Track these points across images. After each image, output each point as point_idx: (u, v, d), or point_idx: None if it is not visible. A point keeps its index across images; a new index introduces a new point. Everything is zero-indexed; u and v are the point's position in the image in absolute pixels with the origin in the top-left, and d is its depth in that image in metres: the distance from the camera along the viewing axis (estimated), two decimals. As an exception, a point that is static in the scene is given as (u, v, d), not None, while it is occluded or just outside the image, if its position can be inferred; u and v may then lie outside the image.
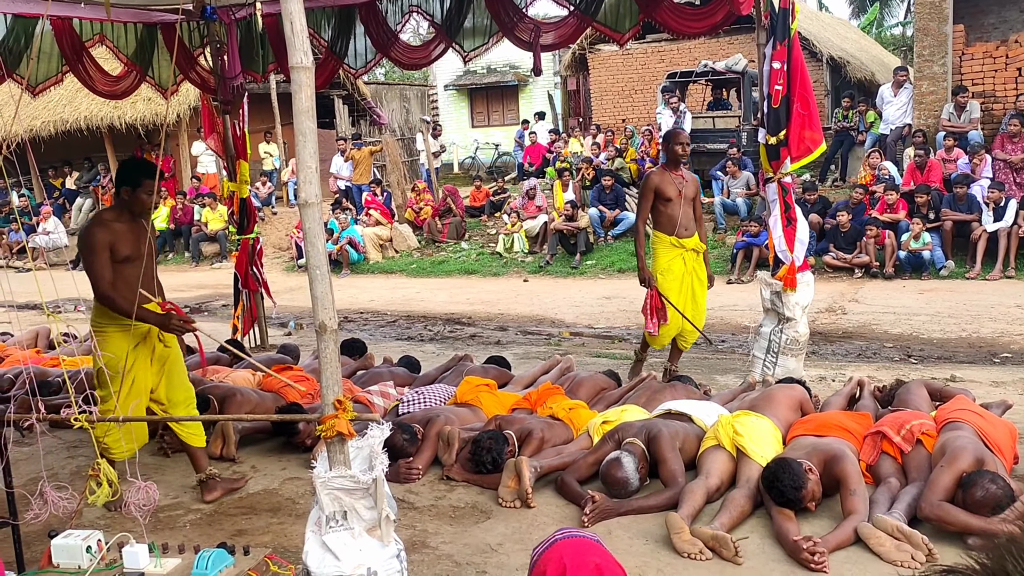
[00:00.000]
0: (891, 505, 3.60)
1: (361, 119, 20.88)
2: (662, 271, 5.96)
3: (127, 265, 4.16)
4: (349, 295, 12.03)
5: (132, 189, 4.16)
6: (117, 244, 4.14)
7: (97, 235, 4.14)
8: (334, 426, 2.69)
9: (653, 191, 5.92)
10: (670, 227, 5.95)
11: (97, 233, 4.14)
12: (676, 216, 5.93)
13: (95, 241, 4.12)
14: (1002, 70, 12.19)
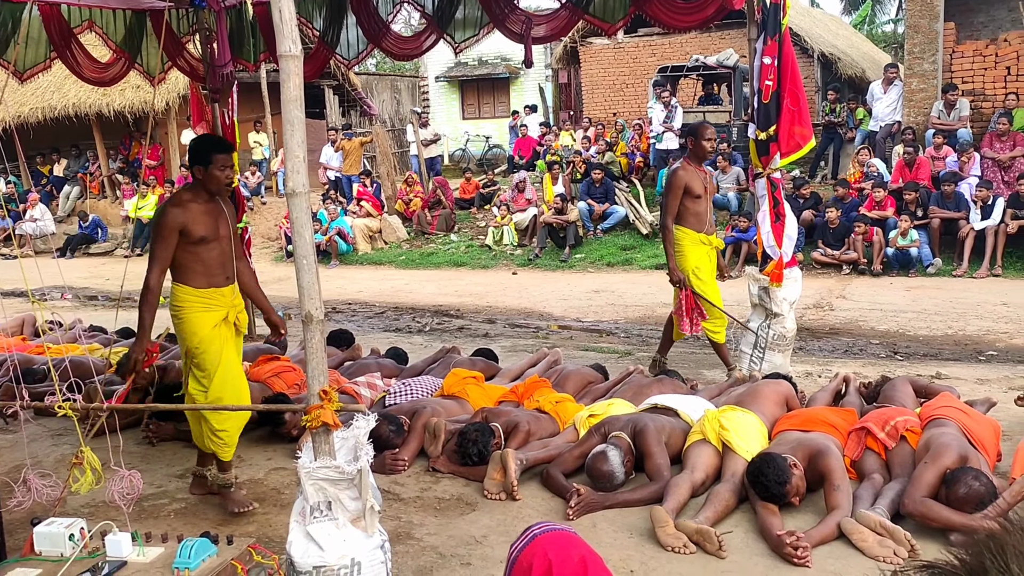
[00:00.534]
0: (874, 501, 3.62)
1: (351, 110, 20.80)
2: (694, 269, 5.79)
3: (203, 246, 4.00)
4: (337, 286, 12.00)
5: (205, 167, 4.00)
6: (191, 225, 3.95)
7: (168, 215, 3.95)
8: (319, 416, 2.68)
9: (683, 188, 5.71)
10: (699, 224, 5.79)
11: (168, 213, 3.96)
12: (703, 213, 5.80)
13: (164, 222, 3.95)
14: (991, 68, 12.24)
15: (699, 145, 5.80)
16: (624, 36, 18.82)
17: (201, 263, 4.01)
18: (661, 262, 11.97)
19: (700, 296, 5.79)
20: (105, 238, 16.78)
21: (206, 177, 4.01)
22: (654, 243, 12.77)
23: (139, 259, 15.49)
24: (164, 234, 3.93)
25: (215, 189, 4.05)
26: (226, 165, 4.00)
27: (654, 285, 10.81)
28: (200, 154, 4.02)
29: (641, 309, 9.60)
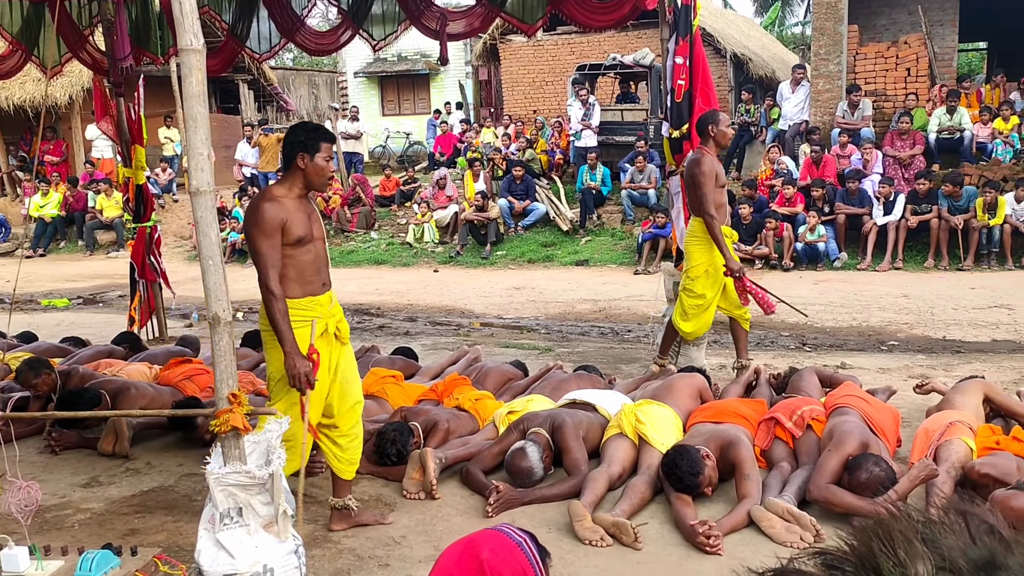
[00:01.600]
0: (782, 488, 3.74)
1: (267, 105, 20.36)
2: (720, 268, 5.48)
3: (300, 249, 3.53)
4: (254, 286, 11.67)
5: (310, 156, 3.52)
6: (290, 224, 3.48)
7: (268, 212, 3.43)
8: (228, 420, 2.62)
9: (713, 175, 5.36)
10: (722, 215, 5.49)
11: (268, 210, 3.44)
12: (726, 203, 5.54)
13: (266, 219, 3.41)
14: (892, 70, 12.78)
15: (720, 132, 5.44)
16: (543, 34, 18.93)
17: (296, 268, 3.53)
18: (581, 258, 12.13)
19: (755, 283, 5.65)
20: (6, 238, 16.02)
21: (310, 168, 3.53)
22: (574, 240, 12.91)
23: (41, 260, 14.84)
24: (268, 230, 3.41)
25: (318, 183, 3.62)
26: (331, 156, 3.60)
27: (574, 282, 10.94)
28: (304, 141, 3.54)
29: (561, 305, 9.69)
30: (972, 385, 4.48)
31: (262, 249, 3.43)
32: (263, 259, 3.44)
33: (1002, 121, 11.65)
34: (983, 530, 1.28)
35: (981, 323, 7.71)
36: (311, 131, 3.62)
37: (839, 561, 1.32)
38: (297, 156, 3.53)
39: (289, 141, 3.58)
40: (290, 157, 3.56)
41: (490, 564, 1.73)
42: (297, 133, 3.61)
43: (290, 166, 3.57)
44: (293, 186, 3.56)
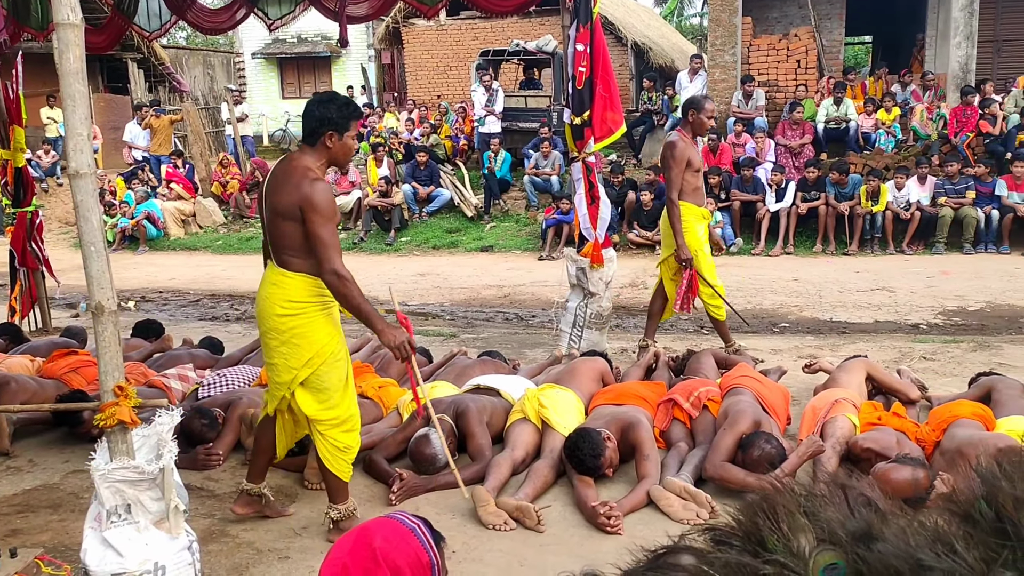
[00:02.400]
0: (680, 467, 3.84)
1: (159, 85, 19.52)
2: (696, 249, 5.60)
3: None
4: (147, 273, 11.29)
5: (340, 134, 3.29)
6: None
7: (329, 193, 3.25)
8: (114, 414, 2.51)
9: (685, 160, 5.48)
10: (699, 199, 5.59)
11: (328, 191, 3.26)
12: (702, 187, 5.65)
13: (329, 202, 3.22)
14: (784, 61, 13.25)
15: (699, 120, 5.53)
16: (447, 19, 18.80)
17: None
18: (486, 244, 12.14)
19: (702, 276, 5.65)
20: None
21: (337, 148, 3.31)
22: (479, 226, 12.91)
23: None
24: (330, 214, 3.23)
25: (344, 163, 3.45)
26: (357, 134, 3.41)
27: (479, 267, 10.94)
28: (335, 119, 3.27)
29: (466, 291, 9.68)
30: (856, 364, 4.71)
31: (325, 234, 3.18)
32: (327, 243, 3.18)
33: (885, 112, 12.25)
34: (861, 502, 1.34)
35: (865, 305, 8.10)
36: (342, 107, 3.32)
37: (726, 536, 1.37)
38: (326, 134, 3.28)
39: (317, 116, 3.29)
40: (317, 133, 3.29)
41: (383, 552, 1.72)
42: (327, 108, 3.30)
43: (315, 143, 3.31)
44: (320, 165, 3.33)
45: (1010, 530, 1.17)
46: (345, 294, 3.21)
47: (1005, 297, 8.20)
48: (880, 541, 1.18)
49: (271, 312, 3.31)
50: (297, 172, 3.23)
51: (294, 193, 3.19)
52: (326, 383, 3.36)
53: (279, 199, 3.24)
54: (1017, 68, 13.15)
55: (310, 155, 3.31)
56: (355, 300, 3.23)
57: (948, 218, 10.52)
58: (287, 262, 3.29)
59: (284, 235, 3.25)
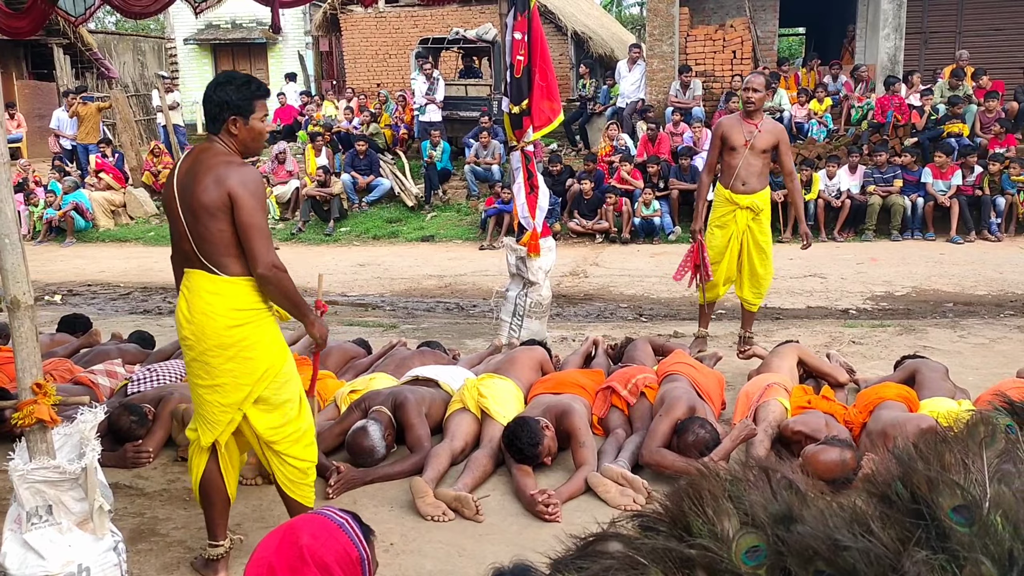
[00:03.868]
0: (617, 454, 3.88)
1: (87, 71, 18.89)
2: (710, 226, 5.53)
3: None
4: (75, 266, 10.94)
5: (245, 118, 2.96)
6: None
7: (260, 182, 2.97)
8: (33, 412, 2.41)
9: (720, 138, 5.37)
10: (726, 179, 5.40)
11: (260, 179, 2.97)
12: (735, 167, 5.33)
13: (261, 190, 2.94)
14: (720, 52, 13.44)
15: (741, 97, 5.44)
16: (385, 5, 18.60)
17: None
18: (426, 234, 12.07)
19: (705, 253, 5.49)
20: None
21: (243, 134, 2.97)
22: (420, 215, 12.83)
23: None
24: (264, 200, 2.97)
25: (255, 149, 3.07)
26: (267, 114, 3.06)
27: (420, 258, 10.88)
28: (233, 101, 2.94)
29: (407, 282, 9.62)
30: (787, 349, 4.81)
31: (262, 223, 2.91)
32: (263, 234, 2.89)
33: (817, 103, 12.52)
34: (783, 485, 1.36)
35: (797, 291, 8.29)
36: (241, 87, 2.97)
37: (654, 522, 1.38)
38: (228, 120, 2.95)
39: (216, 100, 2.96)
40: (218, 120, 2.97)
41: (310, 549, 1.69)
42: (224, 91, 2.95)
43: (219, 130, 2.98)
44: (233, 153, 2.99)
45: (924, 510, 1.20)
46: (287, 289, 2.92)
47: (930, 282, 8.48)
48: (799, 523, 1.21)
49: (216, 326, 2.91)
50: (217, 162, 2.90)
51: (220, 185, 2.85)
52: (283, 396, 3.03)
53: (202, 196, 2.86)
54: (943, 59, 13.57)
55: (219, 144, 2.99)
56: (294, 295, 2.96)
57: (877, 206, 10.82)
58: (224, 265, 2.92)
59: (214, 235, 2.89)
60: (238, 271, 2.93)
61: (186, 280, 3.00)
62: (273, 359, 3.00)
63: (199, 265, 2.94)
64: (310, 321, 3.13)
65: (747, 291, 5.57)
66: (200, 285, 2.94)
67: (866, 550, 1.13)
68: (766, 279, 5.55)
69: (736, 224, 5.40)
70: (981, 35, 13.96)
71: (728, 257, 5.47)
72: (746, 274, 5.51)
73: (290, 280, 2.95)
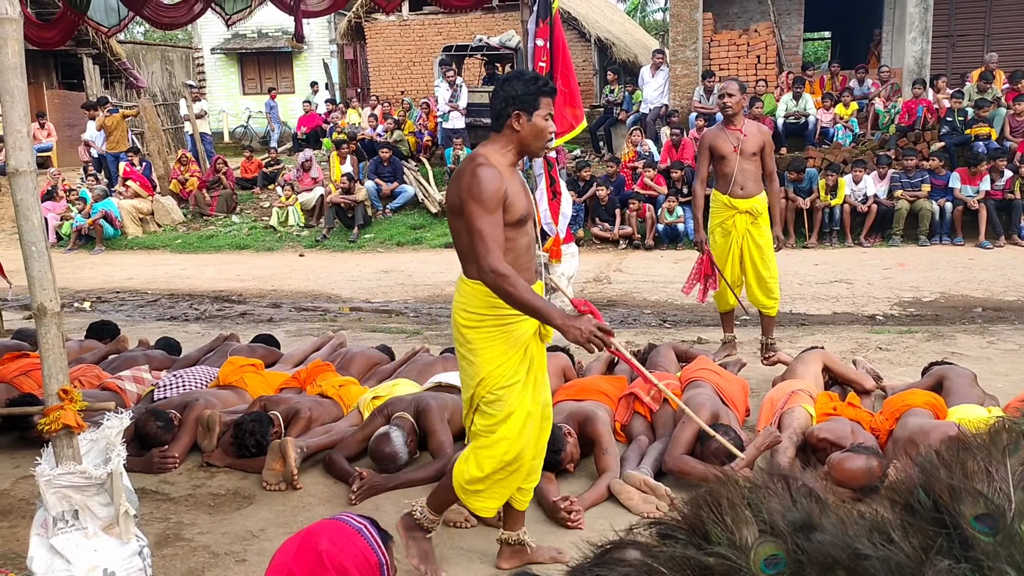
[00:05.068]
0: (640, 461, 3.86)
1: (116, 81, 19.18)
2: (710, 232, 5.59)
3: (519, 230, 2.92)
4: (104, 273, 11.09)
5: (528, 115, 2.89)
6: (512, 198, 2.85)
7: (490, 182, 2.79)
8: (59, 418, 2.45)
9: (707, 148, 5.45)
10: (723, 186, 5.44)
11: (490, 178, 2.79)
12: (730, 174, 5.38)
13: (489, 189, 2.78)
14: (744, 56, 13.37)
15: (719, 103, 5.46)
16: (409, 14, 18.71)
17: (513, 254, 2.89)
18: (450, 241, 12.08)
19: (715, 263, 5.53)
20: None
21: (526, 130, 2.90)
22: (442, 222, 12.85)
23: None
24: (491, 204, 2.79)
25: (537, 148, 2.99)
26: (551, 113, 2.98)
27: (443, 264, 10.90)
28: (519, 96, 2.88)
29: (430, 288, 9.65)
30: (812, 355, 4.76)
31: (483, 227, 2.77)
32: (485, 238, 2.77)
33: (842, 107, 12.41)
34: (803, 493, 1.35)
35: (823, 297, 8.21)
36: (528, 82, 2.93)
37: (672, 530, 1.37)
38: (511, 115, 2.89)
39: (501, 96, 2.92)
40: (501, 115, 2.92)
41: (329, 554, 1.69)
42: (511, 86, 2.92)
43: (501, 127, 2.93)
44: (506, 152, 2.93)
45: (947, 519, 1.19)
46: (508, 292, 2.77)
47: (959, 288, 8.36)
48: (819, 531, 1.19)
49: (454, 320, 3.01)
50: (464, 165, 2.88)
51: (456, 185, 2.86)
52: (493, 410, 2.96)
53: (448, 194, 2.94)
54: (971, 63, 13.40)
55: (494, 143, 2.94)
56: (521, 296, 2.76)
57: (904, 211, 10.69)
58: (465, 267, 2.96)
59: (457, 236, 2.93)
60: (473, 273, 2.91)
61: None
62: (491, 371, 2.93)
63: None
64: (559, 325, 2.81)
65: (758, 294, 5.56)
66: (457, 281, 3.05)
67: (887, 559, 1.11)
68: (772, 280, 5.54)
69: (736, 228, 5.44)
70: (1010, 37, 13.78)
71: (731, 261, 5.51)
72: (751, 277, 5.53)
73: (513, 284, 2.76)
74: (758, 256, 5.47)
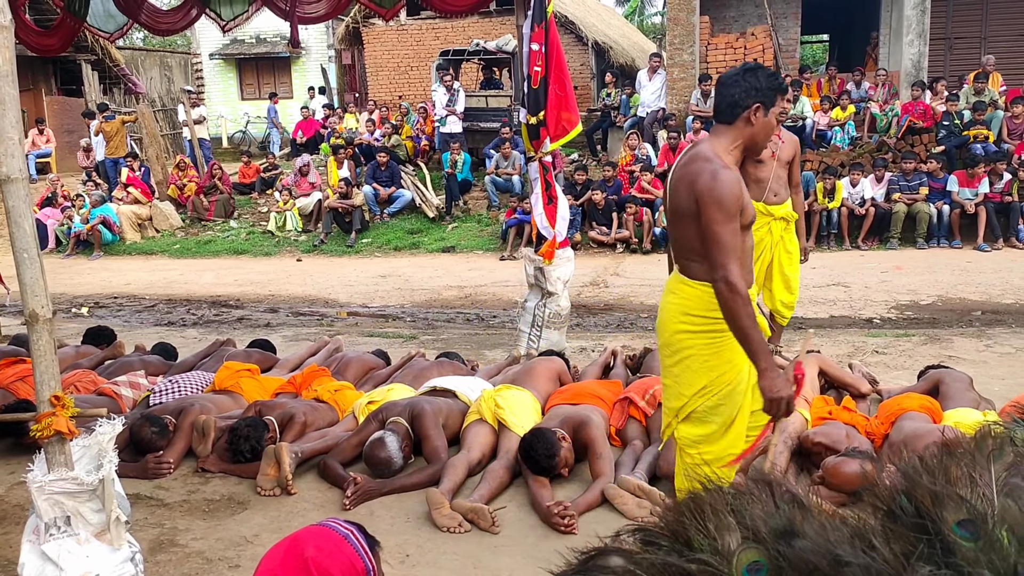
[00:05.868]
0: (635, 465, 3.85)
1: (115, 87, 19.19)
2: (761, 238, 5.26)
3: (746, 233, 2.82)
4: (102, 278, 11.09)
5: (766, 110, 2.79)
6: (745, 201, 2.75)
7: (733, 187, 2.69)
8: (51, 424, 2.45)
9: None
10: (758, 192, 5.21)
11: (733, 183, 2.69)
12: (766, 180, 5.22)
13: (731, 196, 2.67)
14: (741, 60, 13.37)
15: None
16: (407, 19, 18.73)
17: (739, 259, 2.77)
18: (447, 245, 12.10)
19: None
20: None
21: (760, 126, 2.81)
22: (440, 226, 12.87)
23: None
24: (732, 210, 2.68)
25: (762, 145, 2.90)
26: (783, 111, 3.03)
27: (441, 268, 10.91)
28: (764, 88, 2.78)
29: (427, 293, 9.65)
30: (808, 359, 4.76)
31: (723, 233, 2.66)
32: (725, 246, 2.65)
33: (840, 110, 12.43)
34: (786, 499, 1.35)
35: (820, 300, 8.21)
36: (770, 76, 2.83)
37: (655, 536, 1.37)
38: (751, 107, 2.78)
39: (742, 86, 2.79)
40: (738, 106, 2.79)
41: (315, 561, 1.69)
42: (754, 77, 2.80)
43: (734, 119, 2.81)
44: (734, 148, 2.81)
45: (929, 525, 1.18)
46: (733, 310, 2.65)
47: (956, 291, 8.36)
48: (800, 538, 1.19)
49: (667, 325, 2.90)
50: (697, 160, 2.78)
51: (691, 186, 2.75)
52: (711, 419, 2.89)
53: (675, 194, 2.82)
54: (969, 65, 13.42)
55: (721, 137, 2.84)
56: (742, 321, 2.65)
57: (902, 214, 10.70)
58: (687, 267, 2.86)
59: (683, 235, 2.83)
60: (699, 275, 2.82)
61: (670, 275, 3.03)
62: (716, 377, 2.84)
63: (674, 261, 2.97)
64: (763, 368, 2.67)
65: (780, 293, 5.49)
66: (668, 283, 2.99)
67: (867, 565, 1.11)
68: (795, 280, 5.52)
69: (771, 235, 5.34)
70: (1007, 40, 13.80)
71: (759, 267, 5.42)
72: (778, 283, 5.46)
73: (743, 304, 2.66)
74: (787, 261, 5.41)
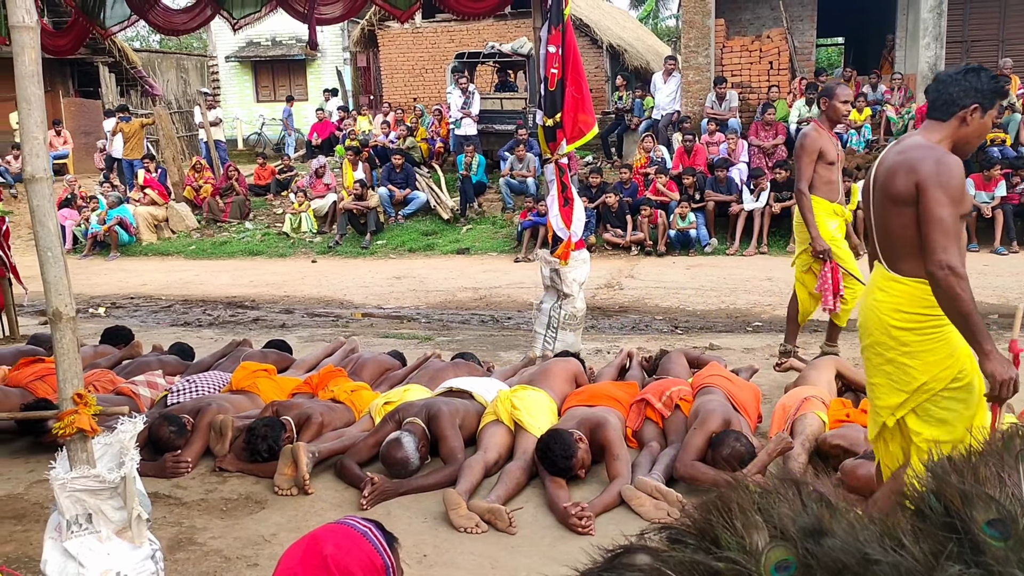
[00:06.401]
0: (652, 467, 3.85)
1: (131, 89, 19.33)
2: (831, 240, 5.18)
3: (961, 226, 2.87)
4: (119, 279, 11.17)
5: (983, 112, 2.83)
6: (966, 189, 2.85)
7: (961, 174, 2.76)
8: (73, 422, 2.47)
9: (816, 151, 5.12)
10: (832, 193, 5.20)
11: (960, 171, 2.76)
12: (836, 180, 5.22)
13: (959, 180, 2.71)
14: (756, 63, 13.35)
15: (832, 107, 5.18)
16: (422, 21, 18.78)
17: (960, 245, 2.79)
18: (462, 247, 12.12)
19: (845, 269, 5.25)
20: None
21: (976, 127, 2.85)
22: (455, 228, 12.89)
23: None
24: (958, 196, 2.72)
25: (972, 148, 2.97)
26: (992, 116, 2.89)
27: (455, 270, 10.93)
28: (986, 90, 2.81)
29: (442, 294, 9.66)
30: (825, 362, 4.74)
31: (947, 217, 2.64)
32: (948, 229, 2.64)
33: (856, 113, 12.36)
34: (813, 498, 1.35)
35: (837, 303, 8.16)
36: (993, 79, 2.82)
37: (682, 534, 1.37)
38: (969, 107, 2.79)
39: (963, 85, 2.80)
40: (955, 104, 2.81)
41: (335, 559, 1.70)
42: (977, 77, 2.80)
43: (949, 116, 2.82)
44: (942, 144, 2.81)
45: (958, 524, 1.18)
46: (957, 295, 2.61)
47: (973, 294, 8.28)
48: (829, 536, 1.19)
49: (878, 324, 2.84)
50: (917, 148, 2.76)
51: (911, 174, 2.71)
52: (944, 415, 2.78)
53: (891, 183, 2.77)
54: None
55: (933, 133, 2.84)
56: (966, 306, 2.60)
57: (919, 217, 10.61)
58: (897, 264, 2.81)
59: (895, 228, 2.79)
60: (910, 271, 2.79)
61: (873, 271, 2.98)
62: (937, 373, 2.77)
63: (880, 258, 2.91)
64: (985, 352, 2.63)
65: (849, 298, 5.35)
66: (874, 279, 2.93)
67: (897, 564, 1.11)
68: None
69: (840, 235, 5.31)
70: (1025, 42, 13.70)
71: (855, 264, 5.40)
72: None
73: (965, 289, 2.63)
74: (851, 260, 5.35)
